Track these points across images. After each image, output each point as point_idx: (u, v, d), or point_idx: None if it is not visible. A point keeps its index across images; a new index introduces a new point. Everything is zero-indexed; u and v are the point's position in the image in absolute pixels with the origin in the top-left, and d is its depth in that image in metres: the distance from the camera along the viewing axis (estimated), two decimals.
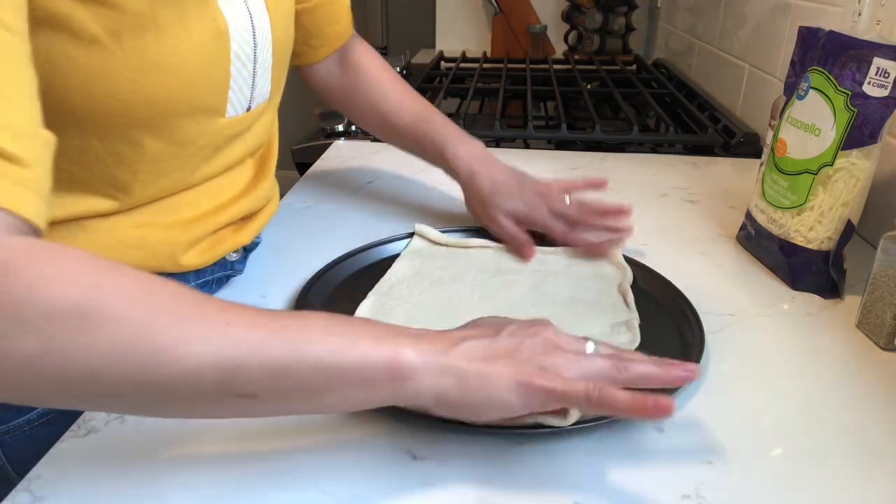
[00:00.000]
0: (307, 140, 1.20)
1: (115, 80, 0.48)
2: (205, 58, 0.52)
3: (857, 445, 0.48)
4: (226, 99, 0.56)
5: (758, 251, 0.75)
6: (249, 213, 0.67)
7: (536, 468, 0.45)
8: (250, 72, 0.58)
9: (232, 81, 0.56)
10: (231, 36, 0.54)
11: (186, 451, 0.46)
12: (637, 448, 0.47)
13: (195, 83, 0.52)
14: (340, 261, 0.69)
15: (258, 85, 0.60)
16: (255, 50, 0.58)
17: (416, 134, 0.78)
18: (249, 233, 0.67)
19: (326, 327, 0.41)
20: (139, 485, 0.43)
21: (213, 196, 0.62)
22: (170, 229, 0.58)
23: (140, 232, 0.56)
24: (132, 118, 0.50)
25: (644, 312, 0.62)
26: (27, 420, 0.56)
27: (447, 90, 1.41)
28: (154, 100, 0.50)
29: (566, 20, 1.99)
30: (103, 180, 0.53)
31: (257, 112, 0.62)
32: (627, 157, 1.09)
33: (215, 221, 0.62)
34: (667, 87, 1.46)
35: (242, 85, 0.57)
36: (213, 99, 0.55)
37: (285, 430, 0.48)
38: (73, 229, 0.54)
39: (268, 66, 0.61)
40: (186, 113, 0.53)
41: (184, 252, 0.59)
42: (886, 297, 0.59)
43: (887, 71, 0.61)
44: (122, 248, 0.55)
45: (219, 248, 0.63)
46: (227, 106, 0.56)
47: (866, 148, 0.63)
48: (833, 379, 0.56)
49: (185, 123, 0.53)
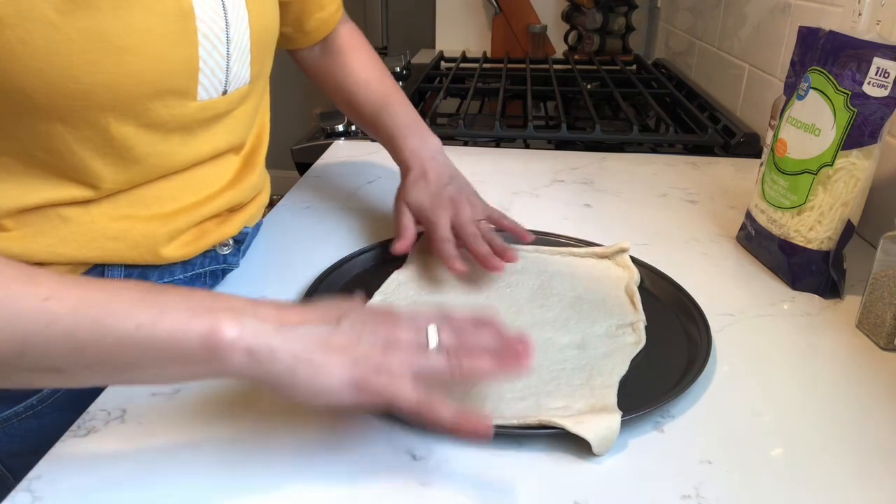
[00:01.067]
0: (307, 140, 1.20)
1: (73, 63, 0.47)
2: (167, 38, 0.51)
3: (857, 445, 0.48)
4: (196, 81, 0.55)
5: (758, 251, 0.75)
6: (236, 206, 0.67)
7: (536, 468, 0.45)
8: (223, 54, 0.56)
9: (201, 63, 0.54)
10: (197, 16, 0.53)
11: (186, 452, 0.46)
12: (637, 448, 0.47)
13: (159, 64, 0.51)
14: (348, 259, 0.69)
15: (234, 68, 0.59)
16: (227, 31, 0.57)
17: (374, 117, 0.77)
18: (236, 224, 0.67)
19: (139, 299, 0.39)
20: (139, 485, 0.43)
21: (198, 188, 0.61)
22: (150, 221, 0.58)
23: (121, 224, 0.56)
24: (94, 101, 0.49)
25: (651, 313, 0.62)
26: (14, 412, 0.56)
27: (447, 90, 1.41)
28: (115, 82, 0.49)
29: (566, 20, 1.99)
30: (74, 167, 0.52)
31: (237, 96, 0.61)
32: (627, 157, 1.09)
33: (199, 213, 0.61)
34: (667, 87, 1.46)
35: (214, 67, 0.56)
36: (181, 81, 0.54)
37: (285, 430, 0.48)
38: (53, 221, 0.54)
39: (245, 49, 0.60)
40: (153, 95, 0.52)
41: (165, 244, 0.59)
42: (886, 297, 0.59)
43: (887, 71, 0.61)
44: (103, 241, 0.55)
45: (203, 241, 0.63)
46: (197, 88, 0.55)
47: (866, 148, 0.63)
48: (833, 379, 0.56)
49: (152, 106, 0.52)
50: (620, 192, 0.93)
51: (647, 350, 0.57)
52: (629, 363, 0.55)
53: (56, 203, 0.53)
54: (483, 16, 2.11)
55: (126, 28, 0.48)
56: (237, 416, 0.49)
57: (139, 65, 0.50)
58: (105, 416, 0.49)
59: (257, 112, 0.68)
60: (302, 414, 0.49)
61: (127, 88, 0.50)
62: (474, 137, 1.15)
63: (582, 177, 0.99)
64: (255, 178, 0.68)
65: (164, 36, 0.51)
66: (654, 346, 0.57)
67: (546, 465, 0.46)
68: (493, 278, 0.67)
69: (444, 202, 0.68)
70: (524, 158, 1.08)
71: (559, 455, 0.46)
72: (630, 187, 0.95)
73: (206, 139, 0.60)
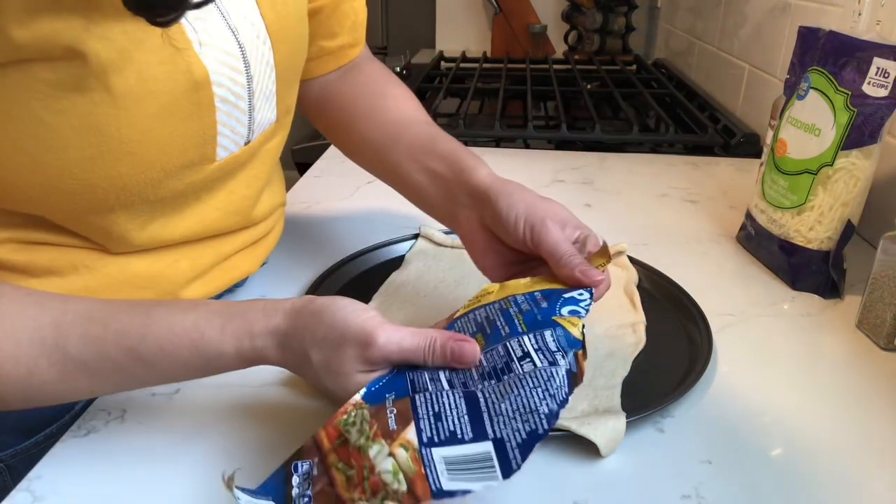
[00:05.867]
0: (307, 140, 1.20)
1: (69, 161, 0.43)
2: (177, 116, 0.46)
3: (857, 445, 0.48)
4: (214, 146, 0.50)
5: (758, 251, 0.75)
6: (258, 238, 0.63)
7: (537, 468, 0.45)
8: (244, 110, 0.51)
9: (220, 127, 0.49)
10: (213, 82, 0.47)
11: (186, 452, 0.46)
12: (637, 448, 0.47)
13: (168, 147, 0.46)
14: (346, 262, 0.69)
15: (258, 117, 0.53)
16: (249, 85, 0.51)
17: (426, 146, 0.61)
18: (258, 258, 0.64)
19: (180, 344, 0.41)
20: (139, 485, 0.43)
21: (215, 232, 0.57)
22: (168, 267, 0.55)
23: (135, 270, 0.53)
24: (97, 195, 0.45)
25: (651, 313, 0.62)
26: (35, 442, 0.55)
27: (447, 90, 1.41)
28: (118, 174, 0.45)
29: (566, 20, 1.99)
30: (80, 239, 0.50)
31: (261, 139, 0.56)
32: (627, 157, 1.09)
33: (221, 251, 0.58)
34: (667, 87, 1.46)
35: (235, 125, 0.51)
36: (196, 153, 0.49)
37: (286, 430, 0.48)
38: (65, 270, 0.50)
39: (270, 93, 0.54)
40: (163, 178, 0.47)
41: (183, 288, 0.56)
42: (886, 297, 0.59)
43: (887, 71, 0.61)
44: (119, 286, 0.52)
45: (225, 278, 0.60)
46: (216, 151, 0.50)
47: (866, 148, 0.63)
48: (833, 379, 0.56)
49: (165, 184, 0.48)
50: (620, 192, 0.93)
51: (648, 350, 0.57)
52: (631, 364, 0.55)
53: (70, 247, 0.51)
54: (483, 16, 2.11)
55: (127, 119, 0.43)
56: (237, 417, 0.49)
57: (144, 154, 0.45)
58: (105, 416, 0.49)
59: (283, 143, 0.62)
60: (303, 414, 0.49)
61: (132, 178, 0.46)
62: (474, 137, 1.15)
63: (582, 177, 0.99)
64: (278, 202, 0.65)
65: (173, 115, 0.45)
66: (654, 347, 0.57)
67: (546, 466, 0.45)
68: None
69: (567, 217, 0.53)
70: (524, 158, 1.08)
71: (559, 455, 0.46)
72: (630, 187, 0.95)
73: (228, 188, 0.55)
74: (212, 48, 0.47)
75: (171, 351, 0.41)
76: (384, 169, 0.64)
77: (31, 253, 0.49)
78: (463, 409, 0.38)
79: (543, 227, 0.49)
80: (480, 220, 0.54)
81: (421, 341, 0.41)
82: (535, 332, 0.42)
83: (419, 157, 0.59)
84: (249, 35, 0.50)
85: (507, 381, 0.38)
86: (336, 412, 0.40)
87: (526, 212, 0.50)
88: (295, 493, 0.38)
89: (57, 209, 0.47)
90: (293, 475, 0.39)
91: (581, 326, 0.42)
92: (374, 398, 0.40)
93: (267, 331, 0.42)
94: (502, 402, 0.37)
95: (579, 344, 0.40)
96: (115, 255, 0.51)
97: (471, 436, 0.36)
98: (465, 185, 0.55)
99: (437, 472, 0.35)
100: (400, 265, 0.71)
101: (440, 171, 0.57)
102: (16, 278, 0.49)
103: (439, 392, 0.39)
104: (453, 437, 0.37)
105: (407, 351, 0.41)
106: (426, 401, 0.39)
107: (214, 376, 0.44)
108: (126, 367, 0.42)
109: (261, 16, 0.52)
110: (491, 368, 0.40)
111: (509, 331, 0.43)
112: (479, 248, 0.55)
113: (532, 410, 0.36)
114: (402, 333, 0.41)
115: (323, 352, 0.41)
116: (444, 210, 0.58)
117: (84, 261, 0.50)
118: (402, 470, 0.35)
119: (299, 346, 0.42)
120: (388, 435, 0.37)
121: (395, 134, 0.62)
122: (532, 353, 0.40)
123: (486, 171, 0.55)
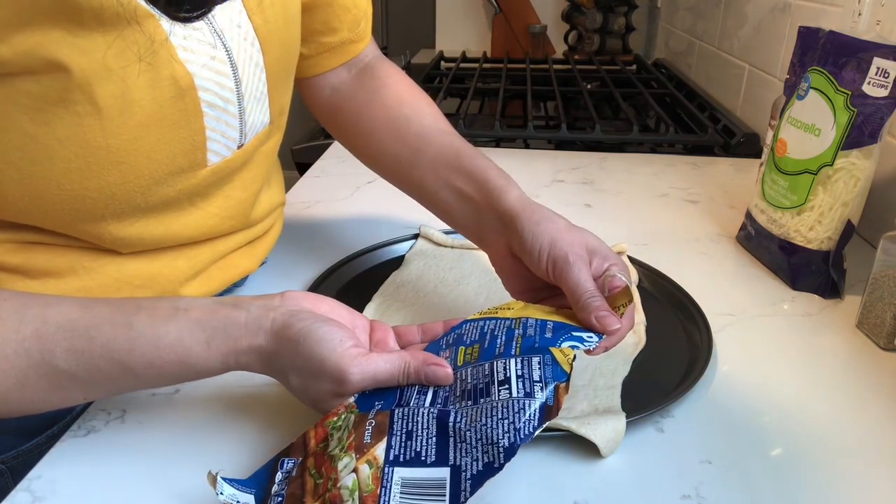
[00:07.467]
0: (307, 140, 1.20)
1: (56, 172, 0.43)
2: (163, 124, 0.46)
3: (858, 445, 0.48)
4: (204, 151, 0.50)
5: (758, 251, 0.75)
6: (258, 235, 0.63)
7: (537, 468, 0.45)
8: (234, 113, 0.51)
9: (209, 132, 0.49)
10: (199, 87, 0.47)
11: (186, 452, 0.46)
12: (637, 448, 0.47)
13: (156, 154, 0.46)
14: (345, 262, 0.69)
15: (249, 120, 0.53)
16: (238, 88, 0.51)
17: (451, 162, 0.58)
18: (258, 257, 0.64)
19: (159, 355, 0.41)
20: (139, 485, 0.43)
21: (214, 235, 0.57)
22: (166, 268, 0.55)
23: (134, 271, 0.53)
24: (86, 205, 0.46)
25: (651, 313, 0.62)
26: (36, 444, 0.54)
27: (447, 90, 1.41)
28: (107, 184, 0.45)
29: (566, 20, 1.99)
30: (76, 239, 0.50)
31: (255, 142, 0.56)
32: (627, 157, 1.09)
33: (218, 251, 0.58)
34: (667, 87, 1.46)
35: (225, 129, 0.51)
36: (185, 159, 0.49)
37: (285, 430, 0.48)
38: (62, 271, 0.50)
39: (262, 95, 0.54)
40: (152, 184, 0.47)
41: (182, 286, 0.56)
42: (886, 297, 0.59)
43: (887, 71, 0.61)
44: (118, 286, 0.52)
45: (224, 277, 0.60)
46: (206, 157, 0.50)
47: (866, 148, 0.63)
48: (833, 379, 0.56)
49: (154, 191, 0.48)
50: (620, 192, 0.93)
51: (648, 350, 0.57)
52: (631, 364, 0.55)
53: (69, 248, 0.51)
54: (483, 16, 2.12)
55: (113, 130, 0.43)
56: (237, 417, 0.49)
57: (132, 164, 0.45)
58: (105, 416, 0.49)
59: (279, 143, 0.62)
60: (303, 414, 0.49)
61: (121, 188, 0.46)
62: (474, 137, 1.15)
63: (582, 177, 0.99)
64: (277, 201, 0.65)
65: (159, 123, 0.45)
66: (654, 347, 0.57)
67: (546, 466, 0.45)
68: (492, 278, 0.67)
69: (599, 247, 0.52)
70: (524, 158, 1.08)
71: (559, 455, 0.46)
72: (630, 187, 0.95)
73: (224, 192, 0.55)
74: (195, 53, 0.46)
75: (159, 366, 0.42)
76: (408, 185, 0.63)
77: (27, 254, 0.49)
78: (433, 430, 0.38)
79: (566, 263, 0.48)
80: (508, 246, 0.53)
81: (394, 368, 0.42)
82: (524, 357, 0.42)
83: (444, 174, 0.58)
84: (236, 38, 0.50)
85: (481, 406, 0.39)
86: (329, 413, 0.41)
87: (549, 245, 0.49)
88: (274, 490, 0.38)
89: (47, 219, 0.47)
90: (278, 471, 0.39)
91: (572, 357, 0.42)
92: (365, 405, 0.41)
93: (251, 349, 0.42)
94: (469, 430, 0.37)
95: (564, 377, 0.40)
96: (112, 255, 0.51)
97: (433, 459, 0.37)
98: (494, 209, 0.53)
99: (391, 494, 0.36)
100: (400, 265, 0.71)
101: (468, 192, 0.56)
102: (13, 280, 0.49)
103: (417, 408, 0.40)
104: (417, 459, 0.37)
105: (382, 381, 0.42)
106: (403, 417, 0.39)
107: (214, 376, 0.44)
108: (117, 377, 0.42)
109: (248, 18, 0.51)
110: (472, 387, 0.41)
111: (503, 351, 0.43)
112: (508, 272, 0.54)
113: (493, 443, 0.36)
114: (375, 364, 0.41)
115: (300, 378, 0.42)
116: (474, 231, 0.57)
117: (81, 261, 0.50)
118: (359, 488, 0.36)
119: (280, 367, 0.43)
120: (359, 449, 0.38)
121: (417, 148, 0.60)
122: (513, 379, 0.40)
123: (515, 195, 0.53)
